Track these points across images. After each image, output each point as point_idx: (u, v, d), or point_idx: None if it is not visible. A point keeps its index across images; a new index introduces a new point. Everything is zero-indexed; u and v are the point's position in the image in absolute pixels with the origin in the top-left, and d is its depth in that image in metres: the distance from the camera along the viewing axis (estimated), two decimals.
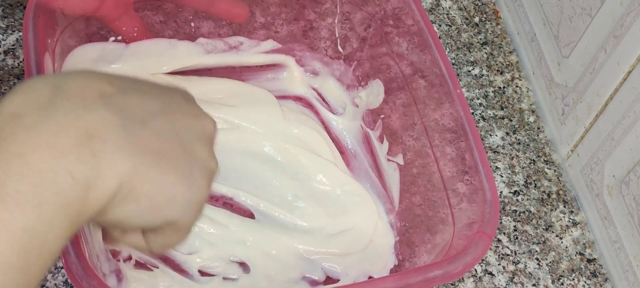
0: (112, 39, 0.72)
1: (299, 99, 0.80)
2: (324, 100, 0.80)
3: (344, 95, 0.79)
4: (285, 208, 0.72)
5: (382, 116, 0.77)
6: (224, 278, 0.68)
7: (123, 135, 0.42)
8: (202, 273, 0.68)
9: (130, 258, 0.67)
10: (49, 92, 0.41)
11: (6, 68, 0.76)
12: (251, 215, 0.72)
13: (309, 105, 0.80)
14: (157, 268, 0.67)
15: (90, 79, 0.43)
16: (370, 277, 0.70)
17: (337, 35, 0.79)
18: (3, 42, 0.78)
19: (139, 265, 0.67)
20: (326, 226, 0.72)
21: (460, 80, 0.85)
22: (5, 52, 0.77)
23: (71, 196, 0.40)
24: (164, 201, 0.45)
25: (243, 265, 0.70)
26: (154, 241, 0.49)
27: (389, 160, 0.75)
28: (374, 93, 0.77)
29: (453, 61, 0.86)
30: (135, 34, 0.73)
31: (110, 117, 0.42)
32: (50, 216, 0.39)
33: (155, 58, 0.74)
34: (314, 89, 0.80)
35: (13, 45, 0.78)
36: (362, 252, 0.71)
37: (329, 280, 0.70)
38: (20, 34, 0.78)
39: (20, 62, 0.77)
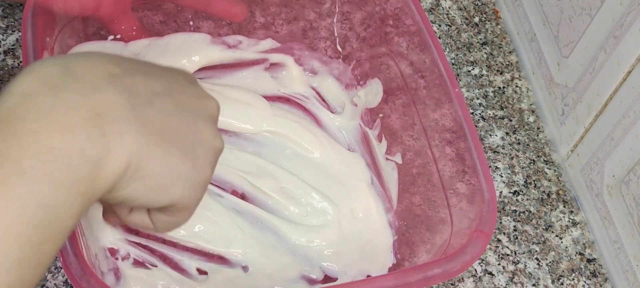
0: (111, 37, 0.72)
1: (288, 100, 0.80)
2: (322, 99, 0.80)
3: (343, 94, 0.80)
4: (282, 205, 0.73)
5: (380, 115, 0.77)
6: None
7: (130, 114, 0.43)
8: (201, 271, 0.68)
9: (128, 256, 0.67)
10: (59, 72, 0.43)
11: (6, 68, 0.76)
12: (248, 214, 0.72)
13: (300, 107, 0.80)
14: (156, 266, 0.67)
15: (98, 60, 0.45)
16: (368, 276, 0.70)
17: (335, 34, 0.79)
18: (3, 42, 0.78)
19: (137, 263, 0.67)
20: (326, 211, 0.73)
21: (460, 80, 0.85)
22: (5, 52, 0.77)
23: (83, 173, 0.41)
24: (169, 180, 0.46)
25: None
26: (159, 220, 0.50)
27: (387, 159, 0.75)
28: (372, 92, 0.77)
29: (453, 61, 0.86)
30: (134, 33, 0.73)
31: (118, 97, 0.43)
32: (63, 192, 0.40)
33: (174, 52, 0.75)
34: (313, 88, 0.80)
35: (13, 45, 0.78)
36: (360, 248, 0.72)
37: (327, 279, 0.70)
38: (20, 34, 0.78)
39: (20, 61, 0.77)
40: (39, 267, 0.41)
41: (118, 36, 0.72)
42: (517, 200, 0.79)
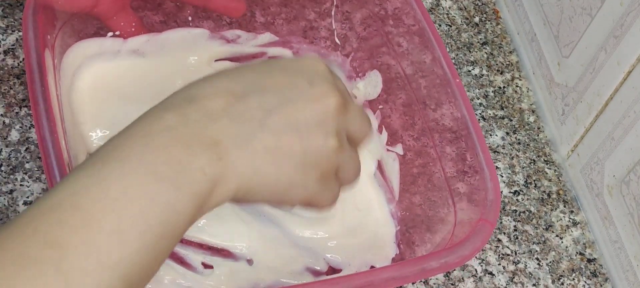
0: (110, 34, 0.72)
1: None
2: None
3: None
4: None
5: (380, 107, 0.77)
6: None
7: (242, 141, 0.49)
8: (206, 265, 0.69)
9: None
10: (182, 102, 0.49)
11: (6, 68, 0.76)
12: (251, 207, 0.72)
13: None
14: None
15: (217, 89, 0.50)
16: (372, 267, 0.70)
17: (333, 27, 0.79)
18: (3, 42, 0.78)
19: None
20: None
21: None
22: (5, 52, 0.77)
23: (202, 188, 0.47)
24: (283, 190, 0.51)
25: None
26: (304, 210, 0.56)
27: (388, 150, 0.75)
28: (372, 84, 0.77)
29: (453, 61, 0.86)
30: (133, 29, 0.73)
31: (231, 127, 0.49)
32: (184, 199, 0.46)
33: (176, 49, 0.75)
34: None
35: (13, 45, 0.78)
36: (363, 239, 0.72)
37: (331, 270, 0.70)
38: (20, 33, 0.78)
39: (20, 61, 0.77)
40: (154, 260, 0.45)
41: (117, 33, 0.72)
42: (517, 200, 0.79)
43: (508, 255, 0.76)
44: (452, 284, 0.74)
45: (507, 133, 0.83)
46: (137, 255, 0.44)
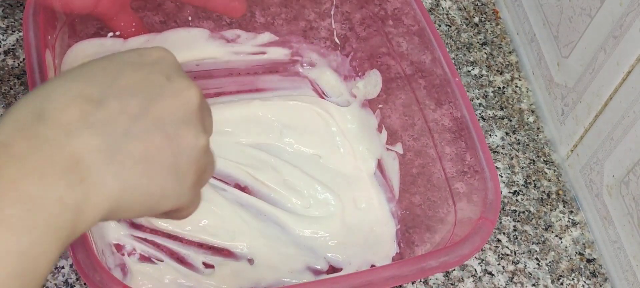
0: (111, 34, 0.72)
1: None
2: (321, 91, 0.80)
3: (342, 86, 0.80)
4: (285, 198, 0.73)
5: (380, 106, 0.77)
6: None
7: (107, 156, 0.43)
8: (207, 265, 0.69)
9: (134, 252, 0.68)
10: (32, 118, 0.43)
11: (6, 68, 0.76)
12: (252, 207, 0.73)
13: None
14: (162, 261, 0.68)
15: (71, 95, 0.44)
16: (372, 266, 0.71)
17: (333, 27, 0.79)
18: (3, 42, 0.78)
19: (144, 258, 0.68)
20: (328, 206, 0.73)
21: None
22: (5, 52, 0.77)
23: (62, 220, 0.41)
24: (155, 202, 0.46)
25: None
26: (164, 220, 0.52)
27: (388, 149, 0.75)
28: (371, 83, 0.78)
29: (453, 61, 0.86)
30: (133, 30, 0.73)
31: (93, 140, 0.43)
32: (42, 240, 0.40)
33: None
34: (311, 81, 0.80)
35: (13, 45, 0.78)
36: (364, 238, 0.72)
37: (332, 269, 0.71)
38: (21, 34, 0.78)
39: (21, 62, 0.77)
40: None
41: (117, 33, 0.72)
42: (517, 200, 0.79)
43: (507, 255, 0.76)
44: (451, 284, 0.74)
45: (507, 133, 0.83)
46: None
